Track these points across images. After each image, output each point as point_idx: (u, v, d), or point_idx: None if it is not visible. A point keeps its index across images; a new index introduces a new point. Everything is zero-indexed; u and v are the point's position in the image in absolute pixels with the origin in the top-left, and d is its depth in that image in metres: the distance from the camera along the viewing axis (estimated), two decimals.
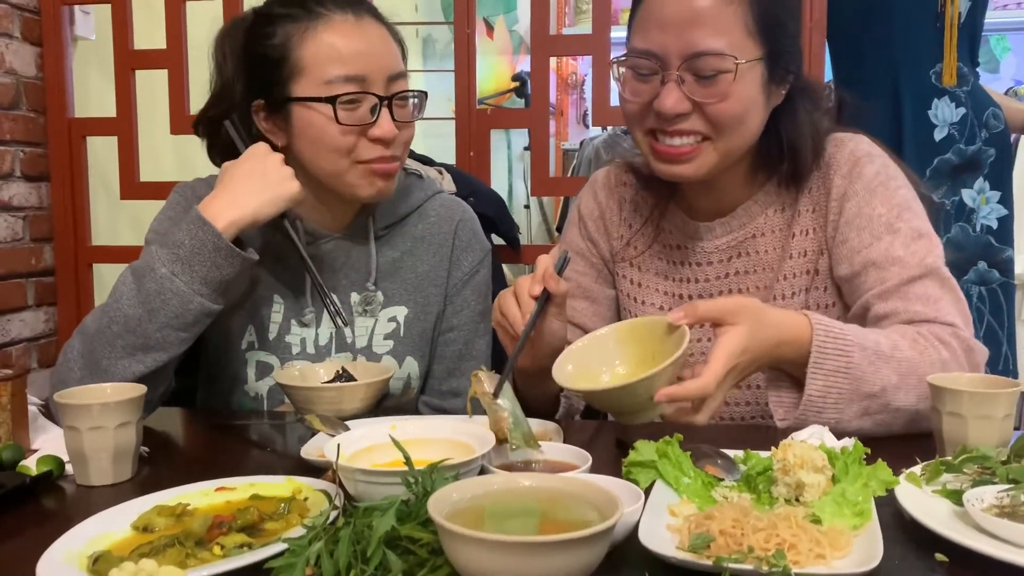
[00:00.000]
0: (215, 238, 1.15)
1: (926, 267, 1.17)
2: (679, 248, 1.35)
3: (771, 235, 1.29)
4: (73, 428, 0.96)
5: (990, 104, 2.03)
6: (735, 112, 1.16)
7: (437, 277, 1.41)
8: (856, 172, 1.22)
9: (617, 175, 1.42)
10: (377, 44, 1.27)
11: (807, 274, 1.26)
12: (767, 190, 1.29)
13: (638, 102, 1.20)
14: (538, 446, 0.94)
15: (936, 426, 0.98)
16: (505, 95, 5.08)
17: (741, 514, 0.74)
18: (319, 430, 1.04)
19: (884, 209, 1.20)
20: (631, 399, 1.00)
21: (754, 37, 1.15)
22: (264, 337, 1.35)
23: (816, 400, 1.06)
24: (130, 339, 1.15)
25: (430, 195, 1.46)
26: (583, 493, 0.68)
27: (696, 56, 1.13)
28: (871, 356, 1.06)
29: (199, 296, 1.15)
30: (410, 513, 0.71)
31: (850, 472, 0.83)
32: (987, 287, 2.04)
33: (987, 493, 0.79)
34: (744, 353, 1.02)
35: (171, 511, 0.83)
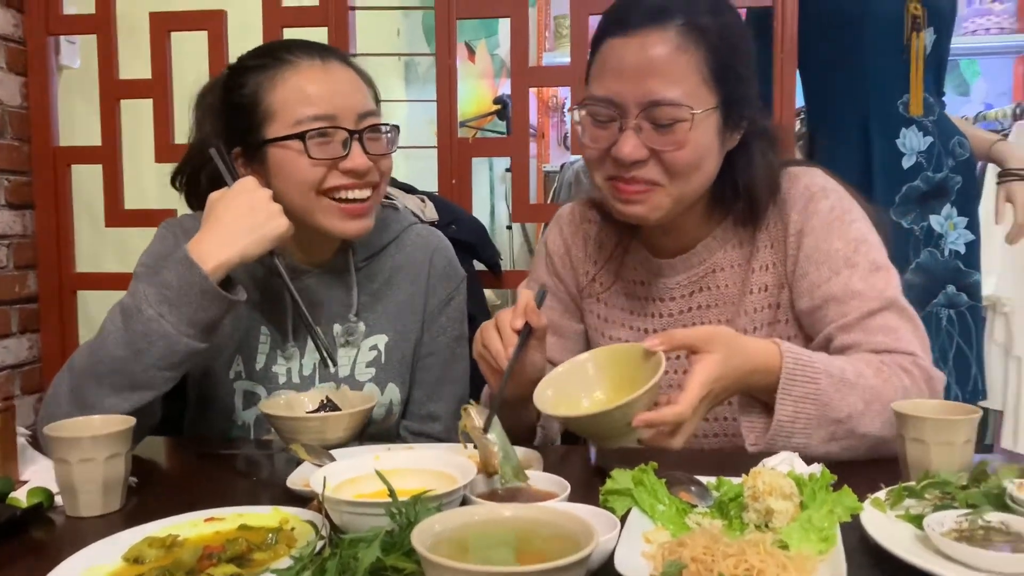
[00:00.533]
0: (202, 280, 1.16)
1: (885, 299, 1.21)
2: (642, 284, 1.38)
3: (730, 270, 1.32)
4: (63, 460, 0.98)
5: (956, 133, 2.09)
6: (691, 160, 1.19)
7: (415, 305, 1.45)
8: (812, 208, 1.26)
9: (582, 212, 1.45)
10: (345, 85, 1.32)
11: (769, 308, 1.30)
12: (725, 226, 1.32)
13: (597, 148, 1.22)
14: (526, 478, 0.97)
15: (901, 452, 1.02)
16: (487, 117, 5.13)
17: (712, 541, 0.77)
18: (304, 459, 1.06)
19: (841, 244, 1.24)
20: (609, 424, 1.05)
21: (709, 85, 1.19)
22: (251, 368, 1.38)
23: (785, 425, 1.10)
24: (117, 379, 1.17)
25: (406, 226, 1.50)
26: (560, 523, 0.71)
27: (653, 105, 1.16)
28: (837, 383, 1.11)
29: (186, 337, 1.17)
30: (394, 544, 0.74)
31: (817, 498, 0.86)
32: (956, 310, 2.09)
33: (947, 518, 0.83)
34: (718, 380, 1.07)
35: (161, 542, 0.85)
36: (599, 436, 1.10)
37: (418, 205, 1.84)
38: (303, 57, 1.30)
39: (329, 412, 1.24)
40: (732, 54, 1.20)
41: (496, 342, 1.15)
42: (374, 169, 1.32)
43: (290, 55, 1.31)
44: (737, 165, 1.26)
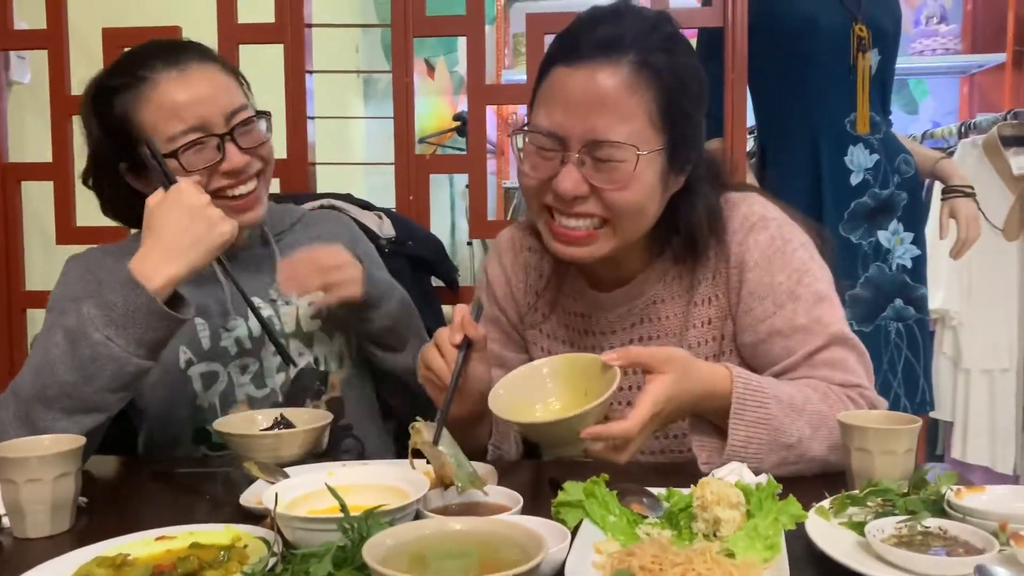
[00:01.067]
0: (149, 302, 1.15)
1: (829, 335, 1.20)
2: (582, 316, 1.35)
3: (671, 302, 1.29)
4: (10, 481, 0.97)
5: (901, 151, 2.15)
6: (633, 201, 1.16)
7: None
8: (752, 240, 1.24)
9: (520, 239, 1.41)
10: (206, 89, 1.32)
11: (713, 340, 1.28)
12: (663, 259, 1.29)
13: (537, 178, 1.18)
14: (483, 485, 0.98)
15: (846, 462, 1.05)
16: (446, 134, 5.15)
17: (660, 550, 0.78)
18: (258, 477, 1.06)
19: (783, 276, 1.22)
20: (559, 434, 1.06)
21: (656, 127, 1.15)
22: (199, 350, 1.39)
23: (738, 449, 1.11)
24: (67, 403, 1.15)
25: (302, 213, 1.57)
26: (510, 535, 0.72)
27: (596, 144, 1.13)
28: (786, 408, 1.12)
29: (136, 358, 1.16)
30: (346, 559, 0.74)
31: (763, 507, 0.88)
32: (904, 323, 2.14)
33: (887, 524, 0.86)
34: (669, 401, 1.08)
35: (111, 562, 0.84)
36: (548, 443, 1.13)
37: (375, 221, 1.85)
38: (160, 70, 1.31)
39: (283, 429, 1.23)
40: (682, 95, 1.17)
41: (438, 360, 1.15)
42: (254, 160, 1.35)
43: (147, 71, 1.31)
44: (679, 207, 1.24)
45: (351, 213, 1.83)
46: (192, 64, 1.33)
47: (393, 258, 1.81)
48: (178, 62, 1.32)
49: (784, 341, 1.21)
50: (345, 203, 1.84)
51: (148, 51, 1.35)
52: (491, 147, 5.19)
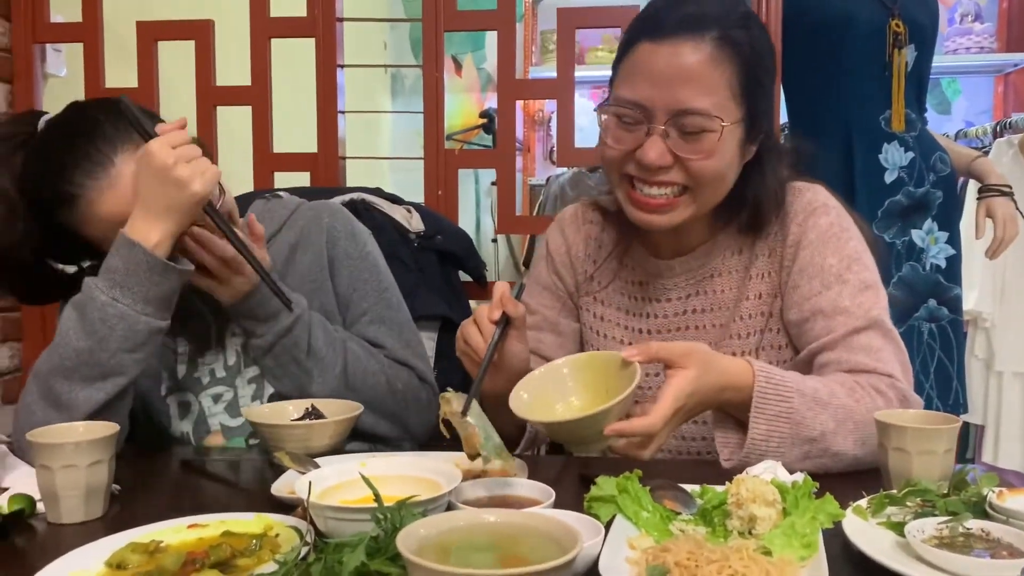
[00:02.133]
0: (148, 257, 1.16)
1: (871, 319, 1.22)
2: (640, 284, 1.39)
3: (728, 276, 1.34)
4: (45, 467, 0.98)
5: (937, 148, 2.12)
6: (716, 169, 1.21)
7: (318, 265, 1.44)
8: (811, 222, 1.28)
9: (584, 213, 1.47)
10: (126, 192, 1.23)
11: (762, 315, 1.31)
12: (727, 232, 1.33)
13: (620, 149, 1.23)
14: (511, 457, 0.99)
15: (882, 461, 1.03)
16: (473, 131, 5.15)
17: (695, 546, 0.77)
18: (289, 467, 1.06)
19: (835, 260, 1.25)
20: (582, 432, 1.05)
21: (737, 99, 1.20)
22: (176, 379, 1.40)
23: (759, 443, 1.11)
24: (86, 370, 1.17)
25: (292, 209, 1.50)
26: (545, 528, 0.71)
27: (683, 113, 1.17)
28: (810, 402, 1.12)
29: (144, 316, 1.18)
30: (379, 548, 0.74)
31: (800, 506, 0.87)
32: (937, 324, 2.11)
33: (928, 525, 0.84)
34: (691, 396, 1.08)
35: (144, 548, 0.84)
36: (572, 441, 1.11)
37: (404, 215, 1.85)
38: (88, 184, 1.21)
39: (314, 420, 1.23)
40: (758, 68, 1.22)
41: (476, 336, 1.16)
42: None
43: (74, 187, 1.22)
44: (750, 177, 1.28)
45: (381, 207, 1.83)
46: (117, 161, 1.22)
47: (422, 252, 1.82)
48: (104, 166, 1.21)
49: (826, 321, 1.23)
50: (375, 197, 1.85)
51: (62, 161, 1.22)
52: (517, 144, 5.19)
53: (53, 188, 1.23)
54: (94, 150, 1.22)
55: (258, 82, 2.18)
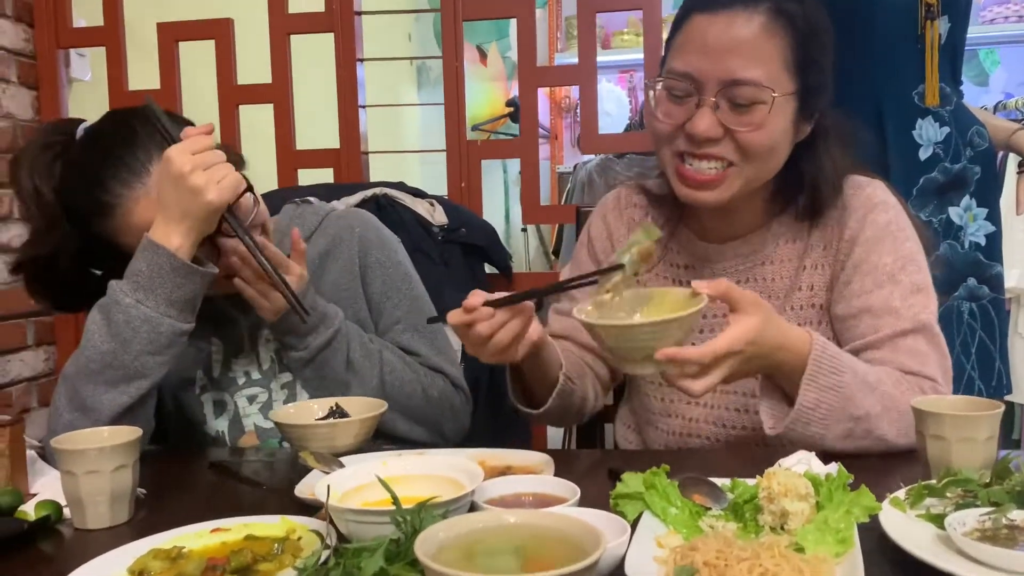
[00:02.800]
0: (171, 259, 1.17)
1: (919, 322, 1.21)
2: (686, 268, 1.37)
3: (780, 264, 1.31)
4: (70, 473, 0.98)
5: (974, 122, 2.05)
6: (766, 142, 1.19)
7: (349, 276, 1.44)
8: (870, 219, 1.26)
9: (627, 197, 1.45)
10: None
11: (812, 307, 1.29)
12: (782, 220, 1.32)
13: (670, 123, 1.22)
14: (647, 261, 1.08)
15: (921, 449, 1.00)
16: (500, 120, 5.12)
17: (725, 544, 0.75)
18: (313, 467, 1.05)
19: (890, 259, 1.24)
20: (637, 342, 1.03)
21: (790, 71, 1.19)
22: (211, 377, 1.40)
23: (807, 411, 1.10)
24: (110, 373, 1.18)
25: (323, 215, 1.49)
26: (567, 529, 0.69)
27: (734, 84, 1.17)
28: (860, 382, 1.12)
29: (168, 318, 1.19)
30: (399, 553, 0.72)
31: (834, 499, 0.84)
32: (978, 303, 2.05)
33: (969, 517, 0.80)
34: (749, 344, 1.07)
35: (166, 554, 0.84)
36: (625, 355, 1.07)
37: (427, 209, 1.84)
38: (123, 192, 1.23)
39: (338, 419, 1.23)
40: (812, 42, 1.20)
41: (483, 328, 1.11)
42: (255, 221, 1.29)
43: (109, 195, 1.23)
44: (804, 157, 1.26)
45: (404, 201, 1.82)
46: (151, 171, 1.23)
47: (446, 246, 1.80)
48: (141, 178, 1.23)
49: (873, 320, 1.22)
50: (397, 191, 1.84)
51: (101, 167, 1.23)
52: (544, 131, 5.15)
53: (90, 198, 1.24)
54: (130, 159, 1.23)
55: (279, 79, 2.18)
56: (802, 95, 1.21)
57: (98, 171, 1.24)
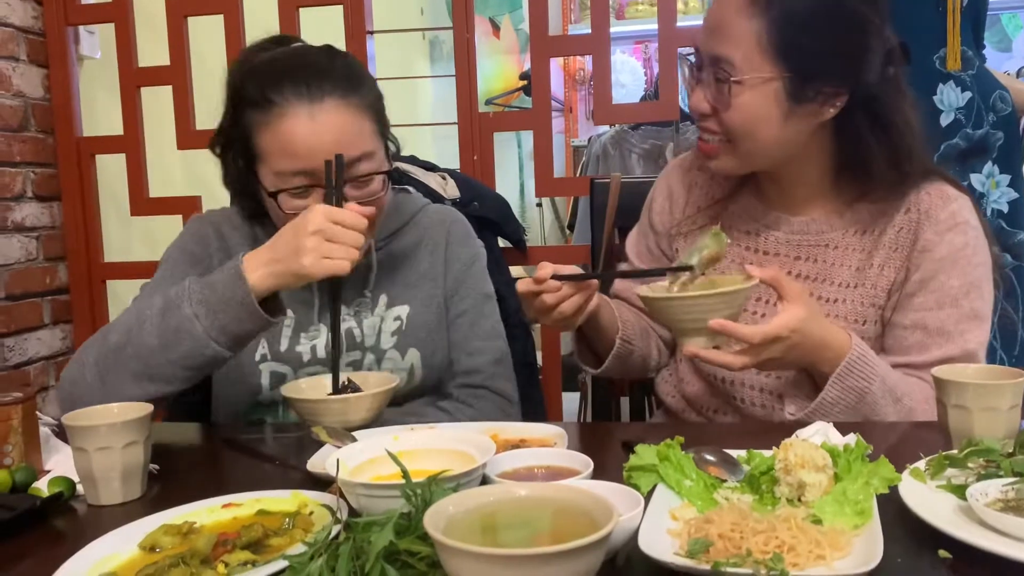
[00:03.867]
0: (244, 295, 1.16)
1: (966, 352, 1.23)
2: (746, 233, 1.38)
3: (845, 252, 1.30)
4: (81, 449, 0.97)
5: (996, 87, 2.01)
6: (737, 122, 1.21)
7: (435, 274, 1.46)
8: (948, 237, 1.25)
9: (693, 160, 1.47)
10: (331, 134, 1.24)
11: (873, 307, 1.29)
12: (856, 209, 1.31)
13: (691, 100, 1.27)
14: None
15: (942, 419, 0.98)
16: (514, 94, 5.07)
17: (740, 517, 0.73)
18: (326, 442, 1.05)
19: (957, 283, 1.24)
20: (690, 313, 1.12)
21: (767, 55, 1.18)
22: (276, 350, 1.39)
23: (827, 405, 1.16)
24: (138, 366, 1.19)
25: (420, 207, 1.51)
26: (579, 501, 0.68)
27: (712, 60, 1.21)
28: (887, 392, 1.17)
29: (214, 343, 1.18)
30: (410, 526, 0.71)
31: (852, 470, 0.82)
32: (1000, 272, 2.01)
33: (991, 487, 0.79)
34: (794, 333, 1.11)
35: (177, 530, 0.84)
36: (679, 326, 1.15)
37: (439, 183, 1.82)
38: (292, 100, 1.24)
39: (351, 394, 1.22)
40: (798, 29, 1.18)
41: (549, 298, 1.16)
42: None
43: (279, 96, 1.25)
44: (844, 138, 1.26)
45: (415, 175, 1.80)
46: (327, 101, 1.25)
47: None
48: (312, 98, 1.25)
49: (923, 337, 1.24)
50: (408, 165, 1.82)
51: (288, 73, 1.27)
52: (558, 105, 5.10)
53: (261, 87, 1.26)
54: (315, 80, 1.26)
55: None
56: (790, 80, 1.18)
57: (285, 71, 1.27)
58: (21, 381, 2.19)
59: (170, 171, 2.54)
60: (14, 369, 2.18)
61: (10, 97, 2.19)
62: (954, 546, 0.72)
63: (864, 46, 1.20)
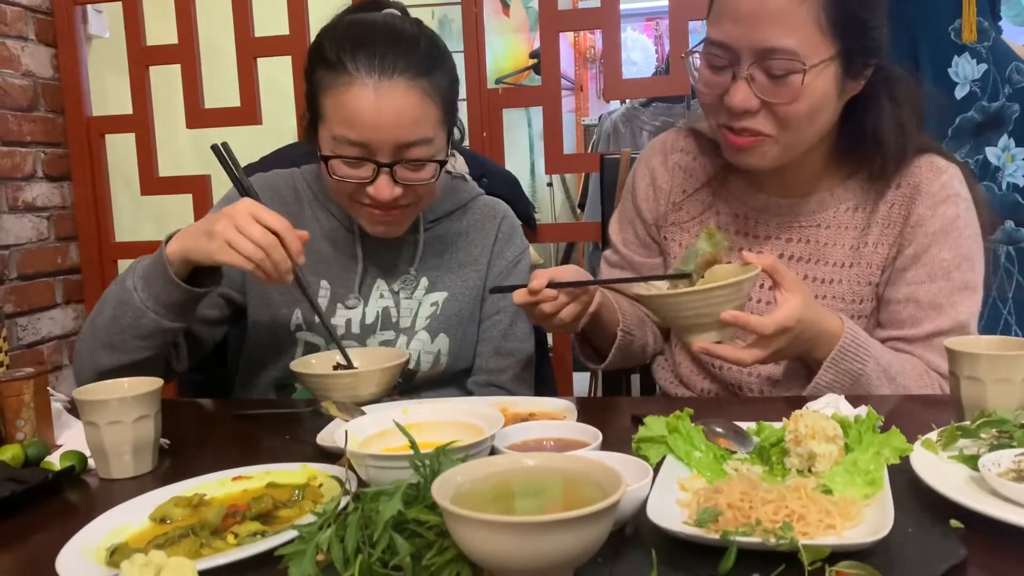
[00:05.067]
0: (165, 272, 1.18)
1: (957, 323, 1.22)
2: (736, 217, 1.35)
3: (839, 231, 1.29)
4: (92, 423, 0.98)
5: (1013, 58, 1.98)
6: (804, 112, 1.16)
7: (478, 266, 1.46)
8: (940, 210, 1.24)
9: (675, 141, 1.42)
10: (392, 114, 1.23)
11: (869, 285, 1.28)
12: (848, 186, 1.29)
13: (711, 94, 1.20)
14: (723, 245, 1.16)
15: (954, 391, 0.97)
16: (524, 72, 5.05)
17: (749, 487, 0.73)
18: (336, 416, 1.05)
19: (949, 255, 1.23)
20: (697, 308, 1.09)
21: (827, 35, 1.14)
22: (312, 320, 1.38)
23: (821, 388, 1.15)
24: (104, 335, 1.24)
25: (474, 196, 1.51)
26: (587, 471, 0.68)
27: (766, 54, 1.13)
28: (880, 372, 1.16)
29: (152, 313, 1.20)
30: (418, 496, 0.71)
31: (863, 440, 0.82)
32: (1015, 246, 2.00)
33: (1004, 457, 0.78)
34: (799, 322, 1.10)
35: (188, 502, 0.84)
36: (682, 323, 1.13)
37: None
38: (363, 72, 1.23)
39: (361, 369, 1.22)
40: (854, 1, 1.15)
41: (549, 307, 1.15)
42: (404, 197, 1.29)
43: (351, 64, 1.24)
44: (865, 112, 1.23)
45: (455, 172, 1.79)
46: (398, 80, 1.24)
47: None
48: (383, 74, 1.23)
49: (916, 310, 1.24)
50: None
51: (363, 44, 1.25)
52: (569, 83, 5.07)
53: (337, 50, 1.25)
54: (390, 54, 1.24)
55: (296, 31, 2.14)
56: (845, 55, 1.16)
57: (363, 37, 1.26)
58: (34, 360, 2.20)
59: (180, 150, 2.54)
60: (27, 348, 2.20)
61: (19, 77, 2.19)
62: (966, 516, 0.72)
63: (886, 12, 1.20)
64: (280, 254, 1.14)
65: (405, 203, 1.30)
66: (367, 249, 1.39)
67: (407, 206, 1.31)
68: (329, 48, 1.27)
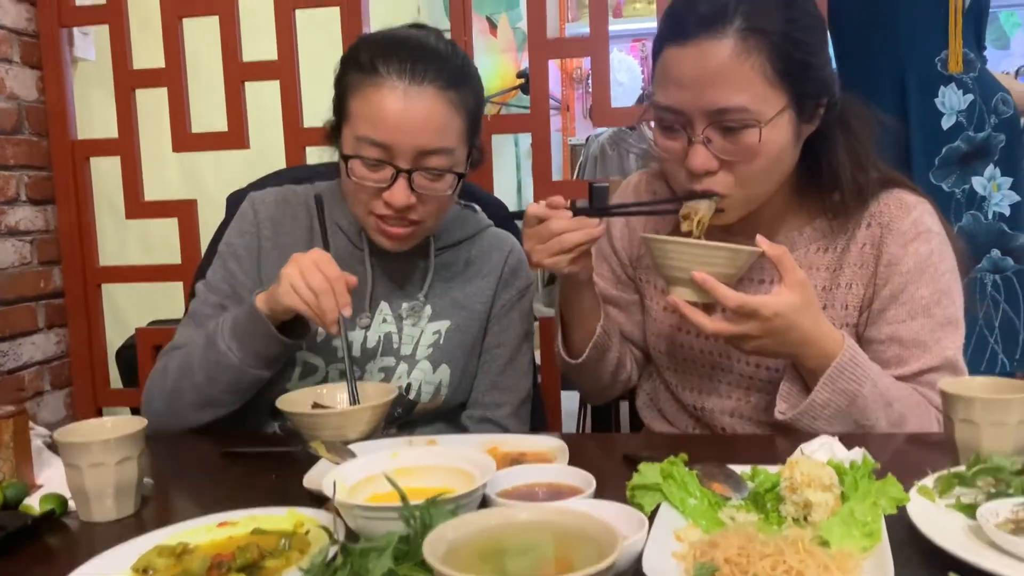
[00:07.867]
0: (264, 327, 1.24)
1: (944, 359, 1.21)
2: None
3: (810, 272, 1.27)
4: (74, 466, 0.96)
5: (998, 89, 1.99)
6: (764, 167, 1.16)
7: (483, 296, 1.45)
8: (912, 248, 1.23)
9: (648, 182, 1.43)
10: (418, 118, 1.24)
11: (846, 326, 1.26)
12: (816, 226, 1.28)
13: (671, 158, 1.20)
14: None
15: (949, 434, 0.96)
16: (511, 92, 5.05)
17: (747, 540, 0.72)
18: (324, 456, 1.03)
19: (927, 292, 1.22)
20: (680, 257, 1.12)
21: (775, 87, 1.13)
22: (312, 340, 1.37)
23: (817, 407, 1.13)
24: (194, 397, 1.29)
25: (483, 227, 1.51)
26: (582, 526, 0.66)
27: (719, 114, 1.13)
28: (878, 395, 1.14)
29: (252, 369, 1.26)
30: (408, 551, 0.70)
31: (859, 489, 0.81)
32: (1001, 275, 2.00)
33: (1002, 507, 0.77)
34: (779, 317, 1.09)
35: (171, 551, 0.82)
36: (667, 272, 1.15)
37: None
38: (392, 75, 1.25)
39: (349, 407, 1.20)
40: (795, 48, 1.13)
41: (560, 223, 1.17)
42: (417, 207, 1.28)
43: (381, 67, 1.25)
44: (819, 147, 1.22)
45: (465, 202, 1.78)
46: (427, 87, 1.25)
47: None
48: (413, 80, 1.24)
49: (900, 350, 1.22)
50: None
51: (395, 50, 1.27)
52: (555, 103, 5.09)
53: (371, 54, 1.27)
54: (421, 63, 1.26)
55: (284, 56, 2.13)
56: (797, 102, 1.15)
57: (397, 45, 1.28)
58: (15, 386, 2.16)
59: (165, 174, 2.52)
60: (8, 375, 2.16)
61: (4, 99, 2.16)
62: (965, 568, 0.71)
63: (827, 47, 1.21)
64: (330, 303, 1.18)
65: (416, 217, 1.30)
66: (376, 270, 1.39)
67: (418, 222, 1.31)
68: (364, 53, 1.29)
